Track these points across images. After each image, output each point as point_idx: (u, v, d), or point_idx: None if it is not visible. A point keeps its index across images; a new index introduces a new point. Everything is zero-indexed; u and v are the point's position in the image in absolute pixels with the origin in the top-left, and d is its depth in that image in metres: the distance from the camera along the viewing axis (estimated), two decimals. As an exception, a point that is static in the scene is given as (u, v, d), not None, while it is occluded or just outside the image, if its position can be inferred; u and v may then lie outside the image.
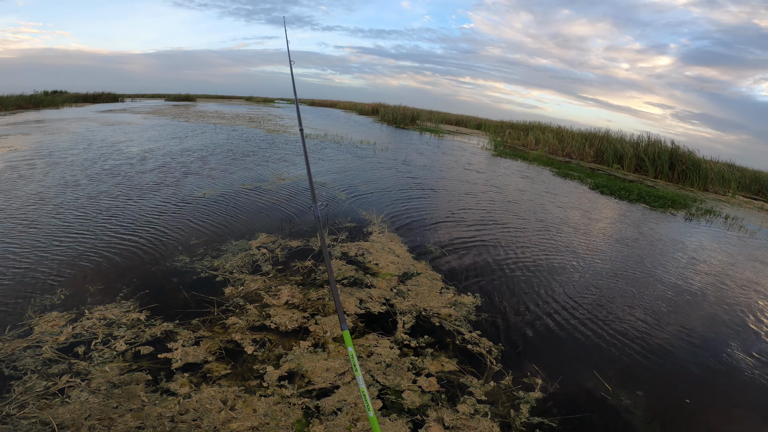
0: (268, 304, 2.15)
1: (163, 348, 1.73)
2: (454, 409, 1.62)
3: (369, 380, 1.70)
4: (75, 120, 10.74)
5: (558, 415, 1.65)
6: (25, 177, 4.16)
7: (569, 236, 4.01)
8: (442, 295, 2.43)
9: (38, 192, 3.68)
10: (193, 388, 1.54)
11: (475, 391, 1.72)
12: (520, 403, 1.69)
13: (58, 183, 4.03)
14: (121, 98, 21.07)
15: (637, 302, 2.73)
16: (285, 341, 1.89)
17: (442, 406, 1.63)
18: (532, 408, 1.67)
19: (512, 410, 1.66)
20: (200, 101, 25.93)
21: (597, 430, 1.61)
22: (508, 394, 1.73)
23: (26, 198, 3.51)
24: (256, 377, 1.65)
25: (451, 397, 1.68)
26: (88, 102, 18.36)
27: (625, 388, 1.85)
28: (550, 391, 1.76)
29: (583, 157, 12.25)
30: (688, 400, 1.84)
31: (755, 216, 7.17)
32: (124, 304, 2.02)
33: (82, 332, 1.78)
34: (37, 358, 1.60)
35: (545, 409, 1.68)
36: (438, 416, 1.59)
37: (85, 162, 5.11)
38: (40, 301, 2.00)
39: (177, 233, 3.01)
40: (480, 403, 1.66)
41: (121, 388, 1.50)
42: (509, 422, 1.60)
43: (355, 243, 3.06)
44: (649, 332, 2.37)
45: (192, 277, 2.35)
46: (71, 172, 4.53)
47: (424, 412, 1.58)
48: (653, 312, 2.63)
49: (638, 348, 2.20)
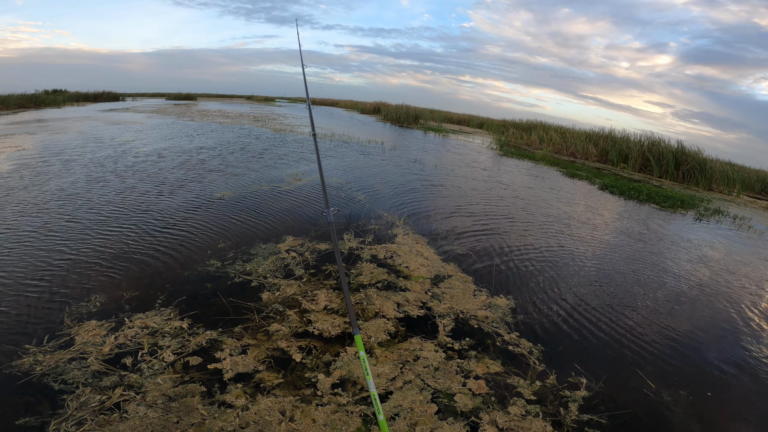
0: (308, 309, 2.11)
1: (211, 358, 1.68)
2: (506, 410, 1.62)
3: (420, 384, 1.68)
4: (78, 119, 10.40)
5: (606, 412, 1.67)
6: (33, 182, 4.00)
7: (590, 236, 4.06)
8: (476, 298, 2.42)
9: (46, 196, 3.53)
10: (249, 399, 1.50)
11: (523, 391, 1.73)
12: (567, 402, 1.70)
13: (69, 186, 3.88)
14: (122, 97, 20.67)
15: (664, 302, 2.78)
16: (330, 347, 1.86)
17: (493, 408, 1.62)
18: (580, 406, 1.68)
19: (561, 408, 1.66)
20: (201, 100, 25.36)
21: (644, 425, 1.64)
22: (554, 393, 1.74)
23: (37, 201, 3.37)
24: (309, 385, 1.61)
25: (500, 398, 1.68)
26: (89, 101, 17.98)
27: (667, 385, 1.88)
28: (595, 389, 1.78)
29: (588, 156, 12.07)
30: (710, 394, 1.89)
31: (761, 216, 7.19)
32: (164, 312, 1.96)
33: (127, 342, 1.71)
34: (84, 370, 1.53)
35: (592, 406, 1.69)
36: (491, 418, 1.58)
37: (97, 163, 4.92)
38: (76, 309, 1.92)
39: (203, 236, 2.93)
40: (530, 403, 1.66)
41: (177, 401, 1.45)
42: (560, 420, 1.60)
43: (382, 245, 3.02)
44: (683, 331, 2.41)
45: (226, 282, 2.29)
46: (85, 172, 4.37)
47: (477, 415, 1.58)
48: (682, 312, 2.68)
49: (676, 346, 2.23)
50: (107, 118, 10.79)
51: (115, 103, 17.88)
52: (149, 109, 14.86)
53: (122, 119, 10.89)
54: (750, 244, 4.83)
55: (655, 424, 1.65)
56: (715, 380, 1.98)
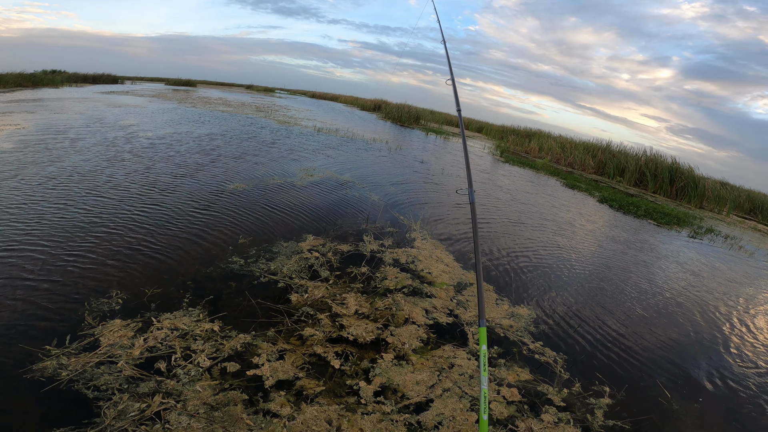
0: (339, 313, 2.05)
1: (248, 363, 1.60)
2: (539, 418, 1.65)
3: (459, 392, 1.68)
4: (77, 100, 9.73)
5: (629, 418, 1.74)
6: (31, 165, 3.65)
7: (596, 248, 4.20)
8: (498, 306, 2.45)
9: (42, 185, 3.24)
10: (293, 408, 1.44)
11: (552, 398, 1.76)
12: (594, 408, 1.75)
13: (70, 171, 3.58)
14: (121, 80, 19.83)
15: (672, 315, 2.91)
16: (366, 353, 1.82)
17: (527, 415, 1.65)
18: (605, 413, 1.75)
19: (588, 415, 1.72)
20: (201, 87, 24.45)
21: (670, 427, 1.70)
22: (581, 401, 1.79)
23: (33, 189, 3.08)
24: (350, 393, 1.57)
25: (532, 405, 1.71)
26: (88, 82, 17.12)
27: (682, 395, 1.97)
28: (618, 397, 1.85)
29: (585, 167, 12.03)
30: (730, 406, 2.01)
31: (750, 236, 7.26)
32: (192, 312, 1.84)
33: (157, 345, 1.59)
34: (116, 375, 1.41)
35: (616, 413, 1.76)
36: (527, 426, 1.61)
37: (99, 154, 4.58)
38: (98, 306, 1.77)
39: (222, 230, 2.80)
40: (560, 410, 1.70)
41: (220, 410, 1.37)
42: (588, 426, 1.65)
43: (402, 249, 2.99)
44: (695, 341, 2.54)
45: (252, 282, 2.18)
46: (88, 164, 4.04)
47: (513, 422, 1.59)
48: (690, 324, 2.82)
49: (689, 357, 2.34)
50: (108, 101, 10.14)
51: (113, 86, 17.09)
52: (149, 94, 14.16)
53: (123, 102, 10.29)
54: (750, 263, 5.20)
55: (672, 429, 1.74)
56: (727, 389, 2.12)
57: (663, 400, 1.89)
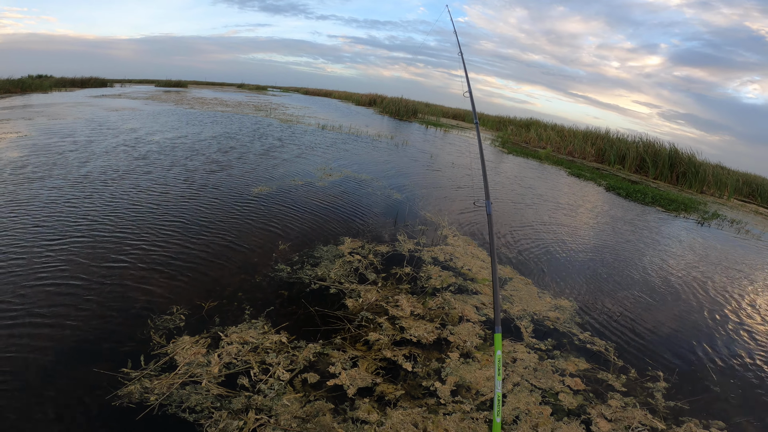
0: (396, 316, 2.05)
1: (325, 373, 1.59)
2: (607, 404, 1.69)
3: (528, 386, 1.70)
4: (71, 105, 9.31)
5: (687, 397, 1.80)
6: (41, 179, 3.48)
7: (621, 239, 4.24)
8: (541, 299, 2.47)
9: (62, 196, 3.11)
10: (380, 413, 1.44)
11: (613, 384, 1.80)
12: (653, 392, 1.80)
13: (84, 179, 3.43)
14: (109, 83, 19.14)
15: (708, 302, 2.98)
16: (431, 354, 1.82)
17: (595, 402, 1.69)
18: (664, 395, 1.80)
19: (650, 399, 1.77)
20: (192, 87, 23.68)
21: (721, 405, 1.77)
22: (640, 385, 1.84)
23: (54, 203, 2.95)
24: (429, 394, 1.58)
25: (597, 393, 1.75)
26: (76, 87, 16.51)
27: (727, 377, 2.03)
28: (672, 381, 1.91)
29: (585, 156, 11.88)
30: None
31: (753, 219, 7.26)
32: (256, 324, 1.81)
33: (233, 361, 1.56)
34: (205, 395, 1.38)
35: (673, 395, 1.81)
36: (598, 412, 1.64)
37: (113, 155, 4.38)
38: (162, 324, 1.73)
39: (257, 236, 2.75)
40: (624, 396, 1.75)
41: (311, 422, 1.36)
42: (654, 408, 1.70)
43: (438, 247, 2.98)
44: (739, 323, 2.63)
45: (304, 290, 2.16)
46: (102, 171, 3.87)
47: (584, 411, 1.63)
48: (729, 306, 2.92)
49: (728, 341, 2.41)
50: (103, 105, 9.78)
51: (103, 89, 16.49)
52: (142, 96, 13.71)
53: (119, 106, 9.95)
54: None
55: (723, 407, 1.80)
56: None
57: (710, 384, 1.96)
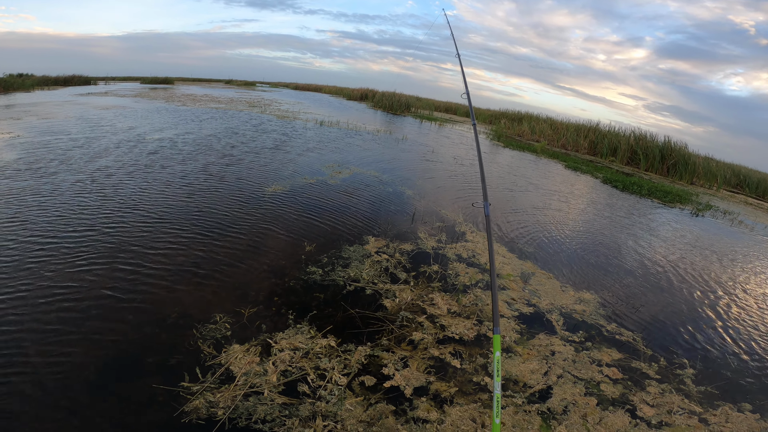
0: (434, 314, 2.07)
1: (380, 375, 1.60)
2: (646, 391, 1.76)
3: (570, 378, 1.76)
4: (58, 104, 8.89)
5: (714, 382, 1.89)
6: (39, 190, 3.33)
7: (627, 231, 4.37)
8: (564, 293, 2.53)
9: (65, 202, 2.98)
10: (439, 411, 1.47)
11: (648, 372, 1.87)
12: (683, 378, 1.89)
13: (81, 188, 3.30)
14: (93, 81, 18.35)
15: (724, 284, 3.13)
16: (474, 350, 1.85)
17: (634, 390, 1.75)
18: (693, 380, 1.88)
19: (682, 385, 1.85)
20: (179, 84, 22.84)
21: (746, 390, 1.86)
22: (671, 372, 1.91)
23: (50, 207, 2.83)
24: (480, 390, 1.61)
25: (635, 381, 1.81)
26: (59, 85, 15.75)
27: (745, 363, 2.15)
28: (698, 367, 1.99)
29: (578, 148, 11.96)
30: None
31: (744, 210, 7.40)
32: (302, 329, 1.79)
33: (289, 369, 1.55)
34: (271, 405, 1.37)
35: (700, 380, 1.90)
36: (639, 399, 1.71)
37: (118, 167, 4.19)
38: (208, 333, 1.70)
39: (280, 238, 2.71)
40: (660, 383, 1.82)
41: (376, 425, 1.37)
42: (688, 393, 1.78)
43: (459, 244, 3.01)
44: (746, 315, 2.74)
45: (341, 292, 2.14)
46: (111, 179, 3.71)
47: (627, 399, 1.69)
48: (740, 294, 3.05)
49: (745, 327, 2.52)
50: (91, 103, 9.37)
51: (88, 87, 15.82)
52: (130, 94, 13.19)
53: (108, 104, 9.56)
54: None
55: (749, 390, 1.89)
56: None
57: (729, 369, 2.06)
